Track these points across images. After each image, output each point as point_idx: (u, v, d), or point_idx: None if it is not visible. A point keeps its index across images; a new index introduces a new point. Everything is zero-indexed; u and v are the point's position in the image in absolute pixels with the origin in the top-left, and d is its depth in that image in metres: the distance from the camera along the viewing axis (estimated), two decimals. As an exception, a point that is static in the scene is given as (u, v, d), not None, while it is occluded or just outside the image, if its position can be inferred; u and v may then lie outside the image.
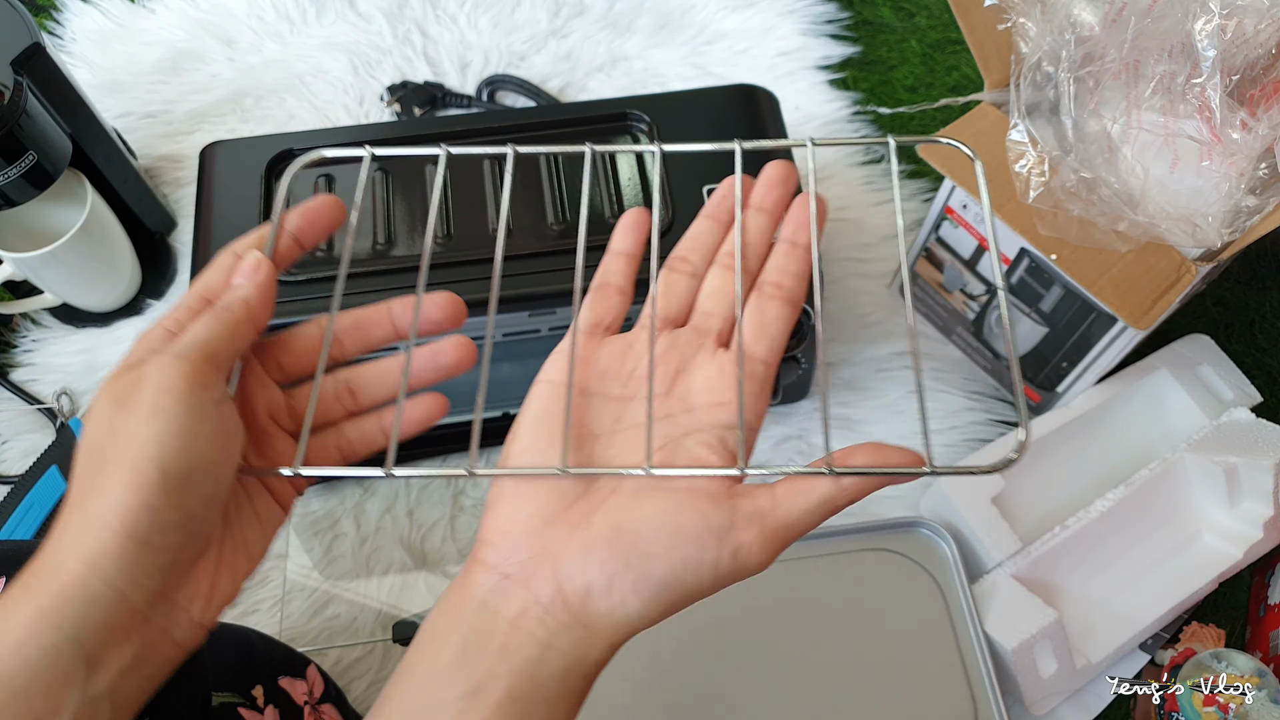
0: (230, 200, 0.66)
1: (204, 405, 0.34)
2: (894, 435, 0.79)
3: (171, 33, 1.01)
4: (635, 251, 0.43)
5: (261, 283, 0.39)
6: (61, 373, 0.83)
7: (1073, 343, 0.69)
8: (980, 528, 0.68)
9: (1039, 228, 0.62)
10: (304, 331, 0.41)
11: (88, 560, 0.32)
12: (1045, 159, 0.61)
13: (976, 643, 0.65)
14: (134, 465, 0.32)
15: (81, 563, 0.32)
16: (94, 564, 0.32)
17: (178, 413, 0.33)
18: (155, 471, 0.32)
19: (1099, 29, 0.62)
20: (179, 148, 0.95)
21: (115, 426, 0.33)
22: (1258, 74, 0.61)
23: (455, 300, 0.40)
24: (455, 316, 0.40)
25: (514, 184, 0.67)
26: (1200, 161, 0.61)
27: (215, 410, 0.34)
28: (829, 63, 0.99)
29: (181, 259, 0.88)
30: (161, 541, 0.33)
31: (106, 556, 0.32)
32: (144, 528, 0.32)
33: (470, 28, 1.02)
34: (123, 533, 0.32)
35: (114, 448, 0.32)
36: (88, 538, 0.32)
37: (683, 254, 0.42)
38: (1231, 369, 0.76)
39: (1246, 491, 0.68)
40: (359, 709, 0.68)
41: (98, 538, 0.32)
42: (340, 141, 0.69)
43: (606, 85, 0.98)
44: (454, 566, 0.73)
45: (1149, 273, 0.61)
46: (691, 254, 0.42)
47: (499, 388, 0.79)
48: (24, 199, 0.73)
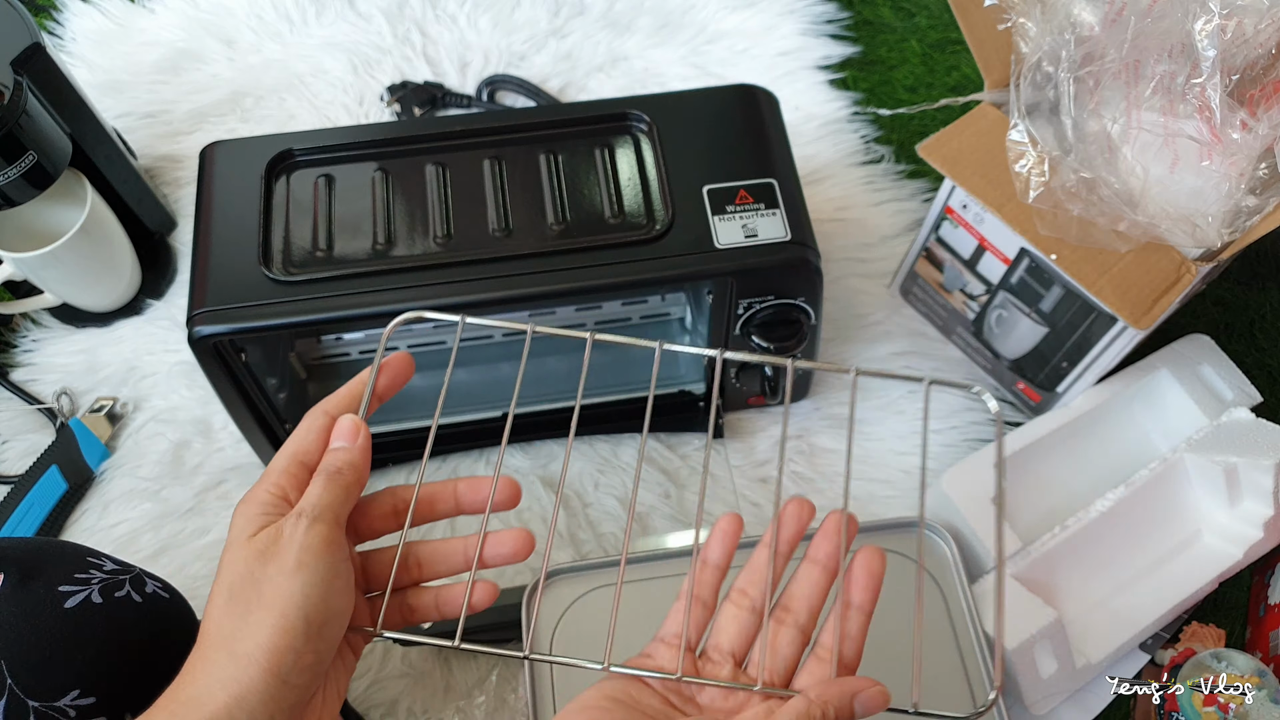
0: (230, 200, 0.66)
1: (338, 562, 0.40)
2: (893, 435, 0.79)
3: (171, 33, 1.01)
4: (725, 564, 0.46)
5: (362, 445, 0.44)
6: (61, 373, 0.83)
7: (1073, 343, 0.69)
8: (980, 528, 0.68)
9: (1039, 227, 0.62)
10: (378, 499, 0.46)
11: (236, 694, 0.36)
12: (1045, 159, 0.61)
13: (976, 643, 0.65)
14: (282, 612, 0.37)
15: (230, 695, 0.36)
16: (241, 698, 0.36)
17: (319, 568, 0.38)
18: (300, 619, 0.37)
19: (1099, 29, 0.62)
20: (179, 148, 0.95)
21: (259, 576, 0.38)
22: (1258, 74, 0.61)
23: (523, 536, 0.45)
24: (520, 551, 0.45)
25: (514, 185, 0.67)
26: (1200, 161, 0.61)
27: (345, 567, 0.40)
28: (829, 63, 0.99)
29: (182, 259, 0.88)
30: (298, 681, 0.38)
31: (254, 692, 0.37)
32: (286, 668, 0.37)
33: (470, 27, 1.02)
34: (269, 671, 0.37)
35: (259, 596, 0.38)
36: (237, 673, 0.37)
37: (742, 587, 0.45)
38: (1231, 369, 0.76)
39: (1246, 491, 0.68)
40: (359, 709, 0.68)
41: (246, 673, 0.37)
42: (340, 142, 0.69)
43: (606, 85, 0.98)
44: (454, 566, 0.73)
45: (1149, 273, 0.61)
46: (751, 587, 0.45)
47: (499, 387, 0.79)
48: (24, 199, 0.73)
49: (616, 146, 0.69)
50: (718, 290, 0.67)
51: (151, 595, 0.48)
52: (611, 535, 0.74)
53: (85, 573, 0.47)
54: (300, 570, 0.38)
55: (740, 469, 0.77)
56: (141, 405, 0.81)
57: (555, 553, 0.73)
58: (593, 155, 0.69)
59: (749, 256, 0.63)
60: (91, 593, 0.46)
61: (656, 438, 0.79)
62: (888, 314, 0.84)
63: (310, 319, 0.61)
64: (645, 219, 0.65)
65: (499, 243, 0.64)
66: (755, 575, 0.44)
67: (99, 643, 0.45)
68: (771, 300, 0.67)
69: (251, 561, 0.38)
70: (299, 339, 0.77)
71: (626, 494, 0.76)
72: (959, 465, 0.71)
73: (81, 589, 0.46)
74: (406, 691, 0.69)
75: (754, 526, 0.75)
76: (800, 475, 0.77)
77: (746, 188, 0.66)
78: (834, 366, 0.48)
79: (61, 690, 0.43)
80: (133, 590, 0.47)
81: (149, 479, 0.77)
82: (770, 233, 0.64)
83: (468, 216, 0.66)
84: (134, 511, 0.75)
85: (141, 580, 0.49)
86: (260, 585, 0.38)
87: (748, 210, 0.65)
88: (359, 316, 0.62)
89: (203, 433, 0.79)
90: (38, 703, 0.42)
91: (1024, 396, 0.78)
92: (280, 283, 0.62)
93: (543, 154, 0.68)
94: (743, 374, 0.74)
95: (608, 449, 0.78)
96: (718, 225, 0.64)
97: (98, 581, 0.46)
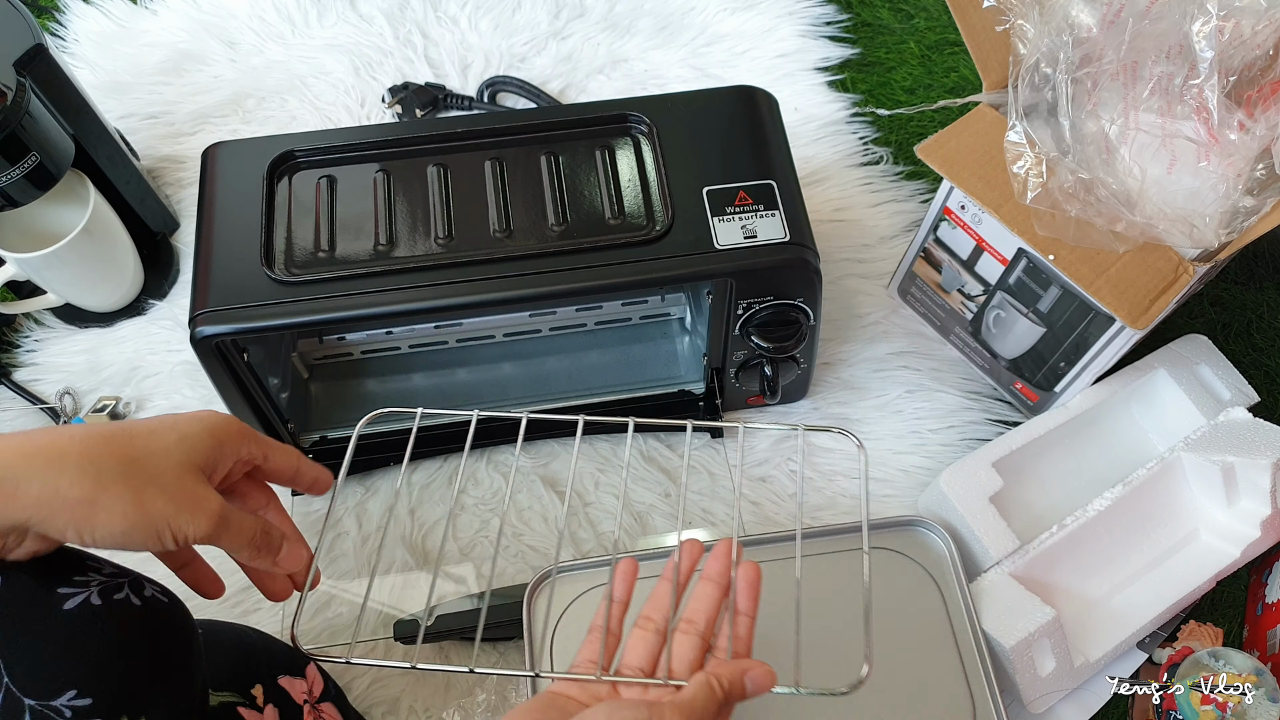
0: (232, 201, 0.66)
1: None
2: (891, 434, 0.79)
3: (173, 34, 1.02)
4: (627, 600, 0.52)
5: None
6: (64, 372, 0.83)
7: (1070, 342, 0.70)
8: (978, 526, 0.68)
9: (1037, 228, 0.62)
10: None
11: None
12: (1043, 160, 0.61)
13: (975, 641, 0.65)
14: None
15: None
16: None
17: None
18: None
19: (1097, 30, 0.62)
20: (181, 148, 0.95)
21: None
22: (1255, 75, 0.61)
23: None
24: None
25: (515, 186, 0.67)
26: (1198, 162, 0.61)
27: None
28: (828, 64, 1.00)
29: (184, 259, 0.89)
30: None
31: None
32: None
33: (471, 29, 1.02)
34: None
35: None
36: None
37: (647, 614, 0.51)
38: (1229, 369, 0.77)
39: (1244, 491, 0.69)
40: (360, 707, 0.68)
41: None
42: (342, 143, 0.69)
43: (607, 87, 0.99)
44: (455, 566, 0.74)
45: (1146, 273, 0.61)
46: (654, 613, 0.51)
47: (500, 387, 0.79)
48: (27, 199, 0.74)
49: (617, 148, 0.69)
50: (717, 291, 0.67)
51: (150, 599, 0.48)
52: (611, 534, 0.75)
53: (84, 575, 0.47)
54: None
55: (739, 469, 0.78)
56: (144, 405, 0.81)
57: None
58: (593, 156, 0.69)
59: (748, 257, 0.64)
60: (91, 595, 0.46)
61: (657, 437, 0.79)
62: (886, 314, 0.85)
63: (312, 319, 0.62)
64: (645, 220, 0.66)
65: (500, 243, 0.65)
66: (658, 603, 0.51)
67: (97, 644, 0.45)
68: (771, 300, 0.67)
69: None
70: (301, 339, 0.77)
71: (626, 492, 0.76)
72: (957, 464, 0.71)
73: (81, 591, 0.46)
74: (408, 689, 0.69)
75: (753, 526, 0.75)
76: (799, 475, 0.77)
77: (746, 189, 0.66)
78: (723, 423, 0.60)
79: (58, 690, 0.43)
80: (132, 593, 0.47)
81: (151, 478, 0.77)
82: (769, 233, 0.65)
83: (469, 217, 0.66)
84: (136, 511, 0.76)
85: (140, 583, 0.49)
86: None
87: (747, 211, 0.65)
88: (361, 317, 0.62)
89: (205, 432, 0.79)
90: (34, 701, 0.42)
91: (1022, 396, 0.78)
92: (282, 283, 0.62)
93: (543, 155, 0.69)
94: (742, 374, 0.74)
95: (608, 448, 0.78)
96: (717, 226, 0.65)
97: (97, 584, 0.47)
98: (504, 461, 0.78)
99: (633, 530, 0.75)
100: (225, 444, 0.46)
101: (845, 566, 0.68)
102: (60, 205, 0.79)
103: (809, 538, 0.69)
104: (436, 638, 0.68)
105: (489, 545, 0.74)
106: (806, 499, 0.77)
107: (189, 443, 0.45)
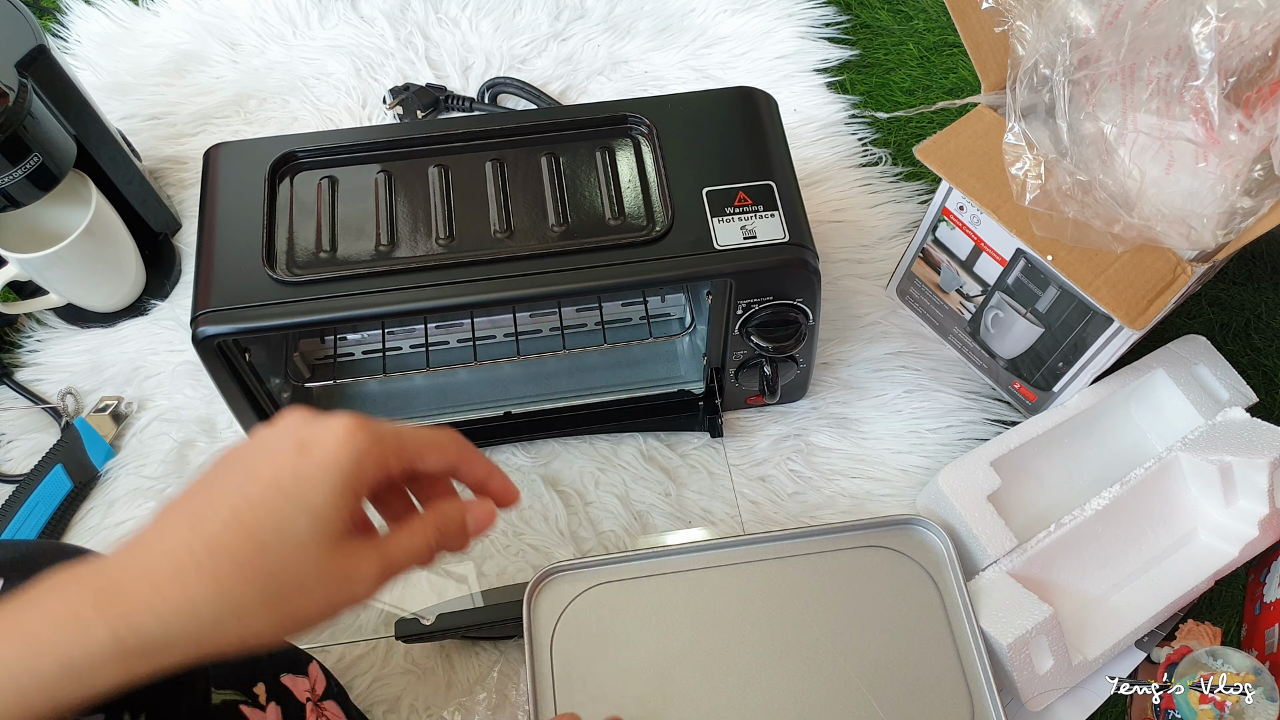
0: (234, 201, 0.67)
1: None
2: (890, 434, 0.79)
3: (175, 35, 1.02)
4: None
5: None
6: (66, 372, 0.84)
7: (1069, 343, 0.70)
8: (976, 525, 0.68)
9: (1035, 229, 0.62)
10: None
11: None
12: (1041, 161, 0.62)
13: (973, 639, 0.65)
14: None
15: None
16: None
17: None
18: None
19: (1095, 32, 0.62)
20: (183, 149, 0.95)
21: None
22: (1254, 76, 0.61)
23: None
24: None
25: (515, 186, 0.68)
26: (1196, 163, 0.62)
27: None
28: (827, 65, 1.00)
29: (186, 260, 0.89)
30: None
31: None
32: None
33: (472, 31, 1.02)
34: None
35: None
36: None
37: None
38: (1227, 369, 0.77)
39: (1242, 490, 0.69)
40: (361, 706, 0.68)
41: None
42: (343, 143, 0.69)
43: (607, 88, 0.99)
44: (455, 564, 0.74)
45: (1145, 273, 0.62)
46: None
47: (500, 387, 0.79)
48: (29, 200, 0.74)
49: (617, 149, 0.70)
50: (717, 291, 0.67)
51: None
52: (611, 533, 0.75)
53: None
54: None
55: (739, 468, 0.78)
56: (146, 405, 0.82)
57: (557, 550, 0.74)
58: (593, 157, 0.69)
59: (748, 257, 0.64)
60: None
61: (656, 437, 0.79)
62: (885, 314, 0.85)
63: (314, 319, 0.62)
64: (645, 220, 0.66)
65: (500, 244, 0.65)
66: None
67: None
68: (770, 301, 0.67)
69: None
70: (303, 339, 0.77)
71: (627, 492, 0.77)
72: (955, 463, 0.71)
73: None
74: (409, 688, 0.69)
75: (753, 525, 0.75)
76: (798, 474, 0.78)
77: (745, 189, 0.67)
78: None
79: None
80: None
81: (153, 478, 0.77)
82: (769, 234, 0.65)
83: (469, 218, 0.66)
84: (138, 510, 0.76)
85: None
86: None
87: (747, 212, 0.66)
88: (362, 317, 0.63)
89: (207, 432, 0.80)
90: None
91: (1020, 396, 0.78)
92: (284, 283, 0.63)
93: (544, 156, 0.69)
94: (742, 374, 0.75)
95: (608, 448, 0.79)
96: (717, 226, 0.65)
97: None
98: (504, 461, 0.78)
99: (633, 529, 0.75)
100: (362, 479, 0.39)
101: (845, 565, 0.69)
102: (62, 206, 0.79)
103: (808, 537, 0.70)
104: (437, 636, 0.68)
105: (489, 544, 0.74)
106: (806, 499, 0.77)
107: (321, 515, 0.38)
